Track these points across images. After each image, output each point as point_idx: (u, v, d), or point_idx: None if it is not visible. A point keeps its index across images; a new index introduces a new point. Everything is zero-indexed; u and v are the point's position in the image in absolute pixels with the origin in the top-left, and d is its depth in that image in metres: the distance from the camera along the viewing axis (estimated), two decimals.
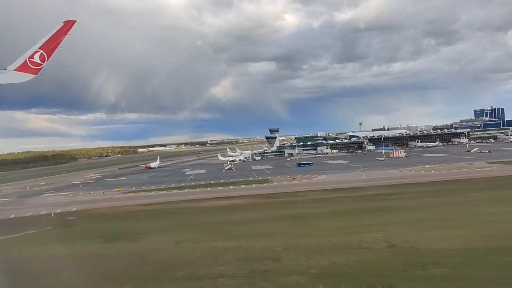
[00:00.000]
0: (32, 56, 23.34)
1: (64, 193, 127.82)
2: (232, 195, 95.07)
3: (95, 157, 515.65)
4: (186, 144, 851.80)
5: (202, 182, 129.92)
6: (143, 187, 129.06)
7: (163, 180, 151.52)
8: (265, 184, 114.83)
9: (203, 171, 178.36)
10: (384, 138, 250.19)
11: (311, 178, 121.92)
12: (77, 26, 23.70)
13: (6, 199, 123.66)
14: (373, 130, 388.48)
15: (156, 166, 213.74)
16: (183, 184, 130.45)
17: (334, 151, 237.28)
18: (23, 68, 23.31)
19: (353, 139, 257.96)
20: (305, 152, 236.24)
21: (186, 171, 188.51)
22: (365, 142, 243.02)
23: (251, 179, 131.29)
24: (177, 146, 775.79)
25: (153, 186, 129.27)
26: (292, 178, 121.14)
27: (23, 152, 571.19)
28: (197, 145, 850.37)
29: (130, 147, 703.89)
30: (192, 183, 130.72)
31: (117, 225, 68.22)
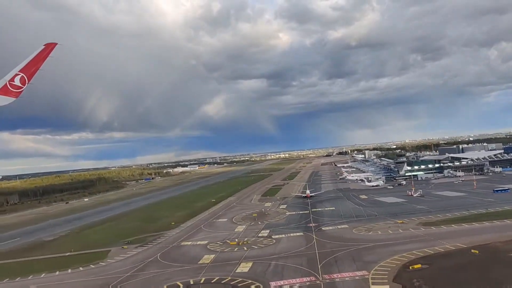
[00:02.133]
0: (12, 79, 22.94)
1: (344, 226, 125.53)
2: None
3: (141, 180, 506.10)
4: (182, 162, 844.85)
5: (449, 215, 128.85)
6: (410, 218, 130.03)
7: (386, 210, 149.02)
8: None
9: (399, 199, 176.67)
10: (500, 160, 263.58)
11: None
12: (70, 47, 24.03)
13: (298, 233, 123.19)
14: (439, 147, 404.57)
15: (313, 195, 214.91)
16: (439, 216, 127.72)
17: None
18: (4, 91, 22.82)
19: (465, 161, 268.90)
20: (437, 175, 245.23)
21: (367, 198, 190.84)
22: (486, 164, 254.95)
23: None
24: (199, 166, 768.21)
25: (421, 217, 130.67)
26: None
27: (55, 176, 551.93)
28: (215, 164, 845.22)
29: (157, 169, 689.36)
30: (449, 215, 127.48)
31: None
